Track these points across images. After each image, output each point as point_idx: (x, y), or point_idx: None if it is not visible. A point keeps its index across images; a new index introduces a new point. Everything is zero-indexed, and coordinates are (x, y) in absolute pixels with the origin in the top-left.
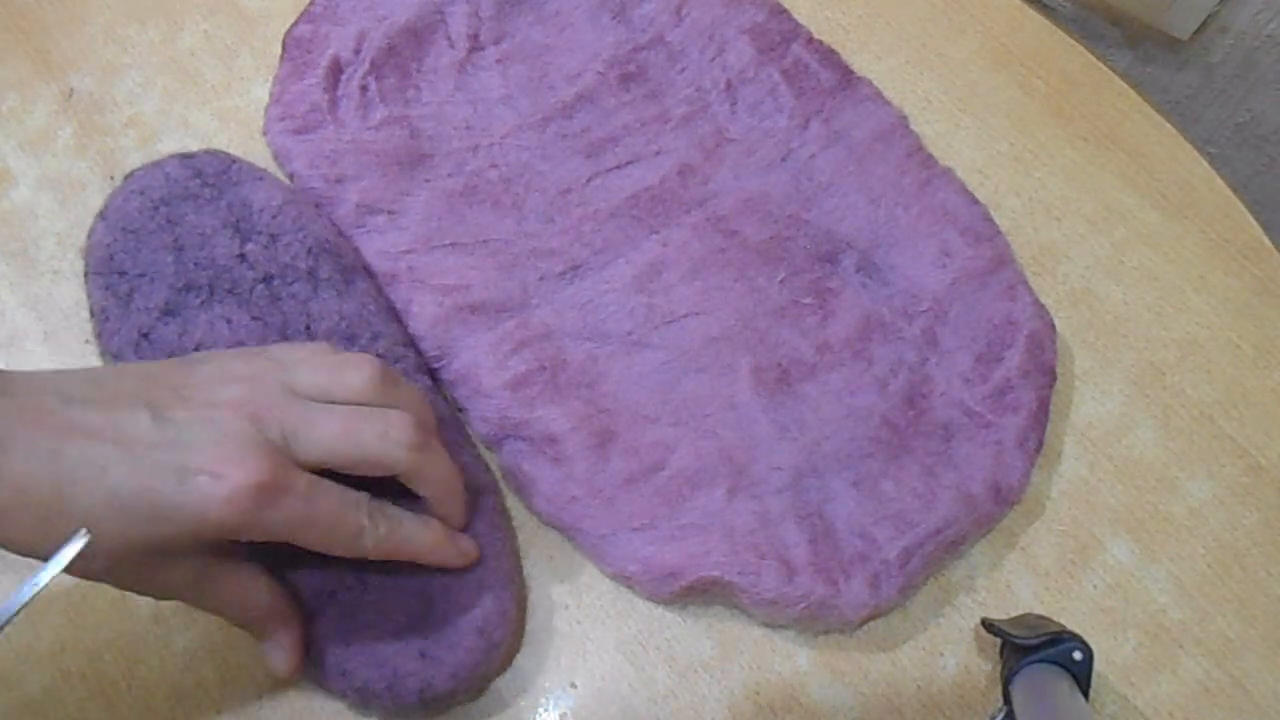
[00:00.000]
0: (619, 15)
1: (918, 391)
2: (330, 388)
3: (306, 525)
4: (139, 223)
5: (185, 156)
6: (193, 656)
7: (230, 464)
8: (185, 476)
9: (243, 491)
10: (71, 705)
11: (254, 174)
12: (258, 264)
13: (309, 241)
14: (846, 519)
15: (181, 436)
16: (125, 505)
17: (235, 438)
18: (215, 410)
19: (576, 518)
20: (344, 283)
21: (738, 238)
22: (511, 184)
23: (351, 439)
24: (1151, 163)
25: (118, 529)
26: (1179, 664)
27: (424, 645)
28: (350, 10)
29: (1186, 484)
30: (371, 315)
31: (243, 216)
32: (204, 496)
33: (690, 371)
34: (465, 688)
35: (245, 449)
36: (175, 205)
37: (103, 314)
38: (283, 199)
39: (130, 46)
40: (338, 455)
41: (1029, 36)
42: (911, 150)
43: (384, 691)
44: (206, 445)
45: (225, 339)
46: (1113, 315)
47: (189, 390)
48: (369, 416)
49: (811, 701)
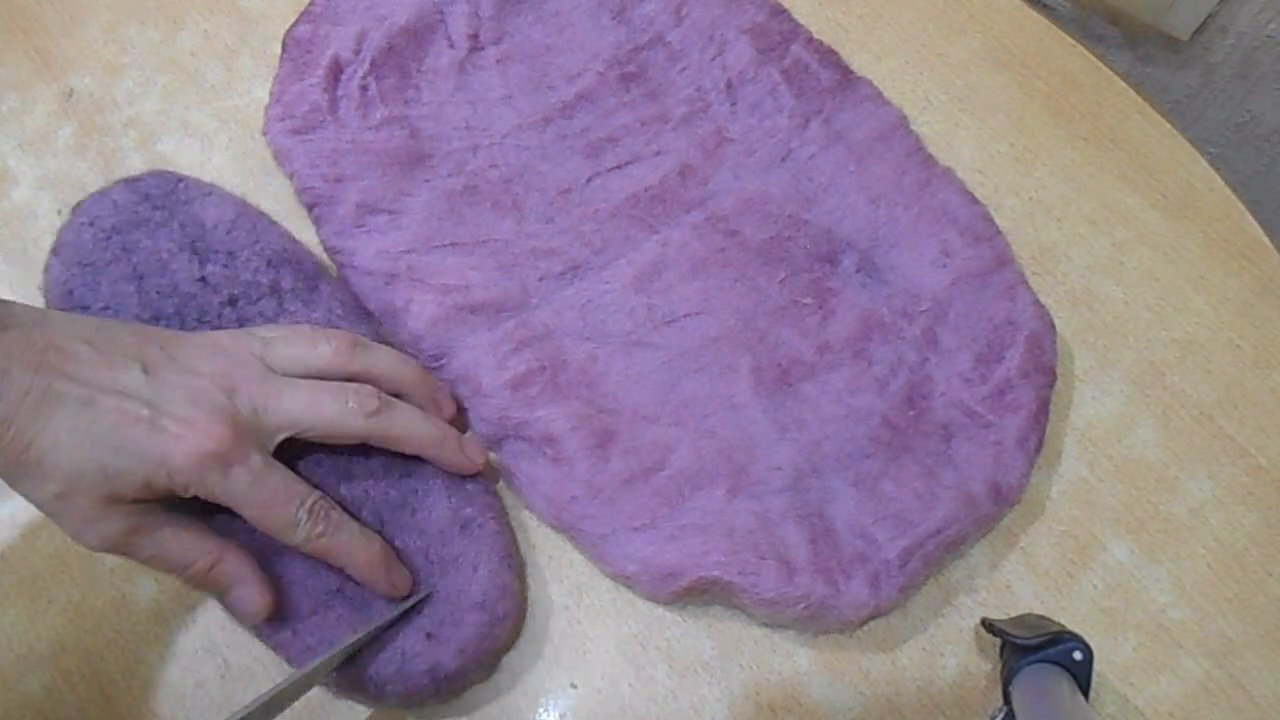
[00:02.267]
0: (619, 15)
1: (918, 391)
2: (304, 358)
3: (246, 500)
4: (93, 255)
5: (131, 181)
6: (193, 656)
7: (197, 425)
8: (157, 426)
9: (201, 451)
10: (71, 705)
11: (202, 190)
12: (220, 286)
13: (267, 253)
14: (846, 519)
15: (163, 393)
16: (97, 436)
17: (208, 404)
18: (198, 378)
19: (576, 518)
20: (308, 290)
21: (738, 238)
22: (511, 184)
23: (313, 409)
24: (1151, 163)
25: (81, 454)
26: (1179, 664)
27: (429, 627)
28: (350, 10)
29: (1186, 484)
30: (339, 319)
31: (197, 236)
32: (167, 446)
33: (690, 371)
34: (474, 665)
35: (214, 416)
36: (128, 233)
37: None
38: (235, 213)
39: (130, 46)
40: (302, 424)
41: (1029, 36)
42: (911, 150)
43: (394, 675)
44: (182, 404)
45: None
46: (1113, 315)
47: (179, 355)
48: (332, 389)
49: (811, 701)
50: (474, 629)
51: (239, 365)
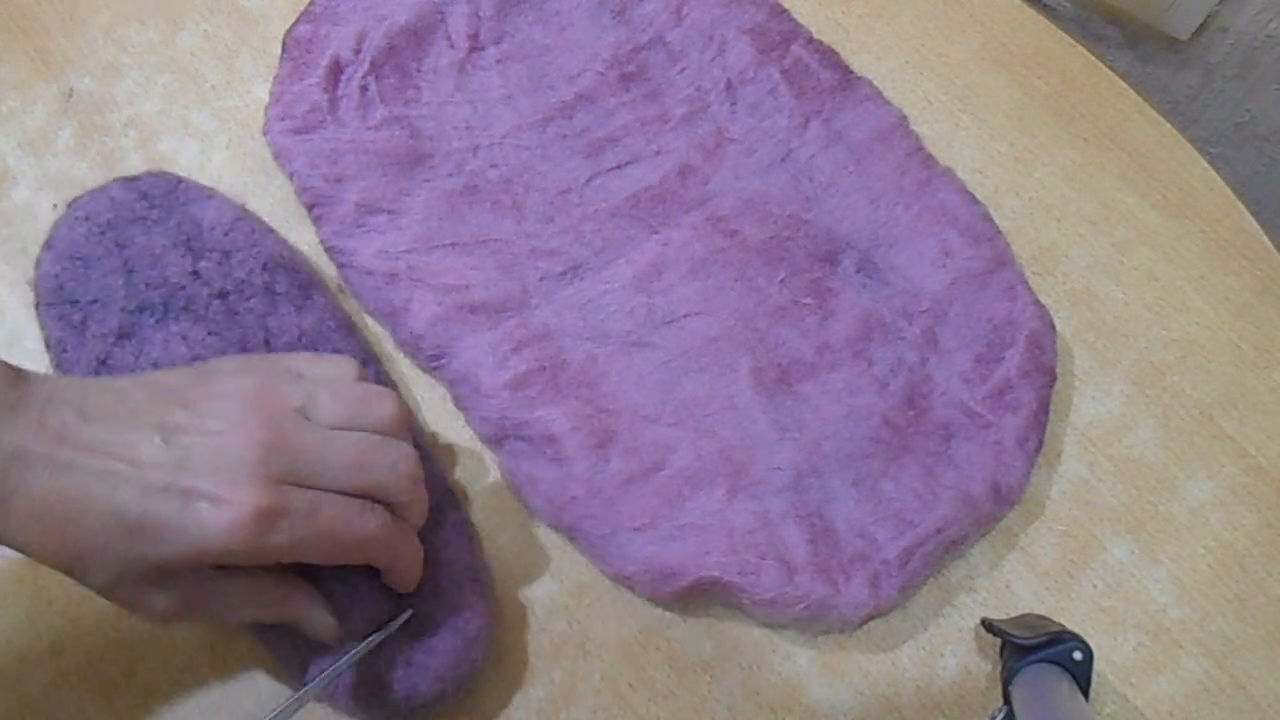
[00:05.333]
0: (619, 15)
1: (918, 391)
2: (350, 421)
3: (312, 542)
4: (86, 249)
5: (130, 179)
6: (193, 656)
7: (231, 490)
8: (188, 502)
9: (242, 518)
10: (71, 705)
11: (203, 193)
12: (212, 280)
13: (263, 257)
14: (846, 519)
15: (187, 460)
16: (130, 526)
17: (238, 464)
18: (223, 437)
19: (576, 518)
20: (302, 298)
21: (738, 238)
22: (511, 184)
23: (363, 470)
24: (1151, 163)
25: (123, 547)
26: (1179, 664)
27: (404, 654)
28: (350, 10)
29: (1186, 484)
30: (331, 331)
31: (193, 235)
32: (204, 523)
33: (690, 371)
34: (452, 690)
35: (247, 476)
36: (122, 229)
37: (59, 345)
38: (234, 216)
39: (130, 46)
40: (349, 485)
41: (1029, 36)
42: (911, 150)
43: (371, 702)
44: (209, 471)
45: (183, 357)
46: (1113, 315)
47: (203, 410)
48: (382, 447)
49: (811, 701)
50: (449, 654)
51: (272, 415)
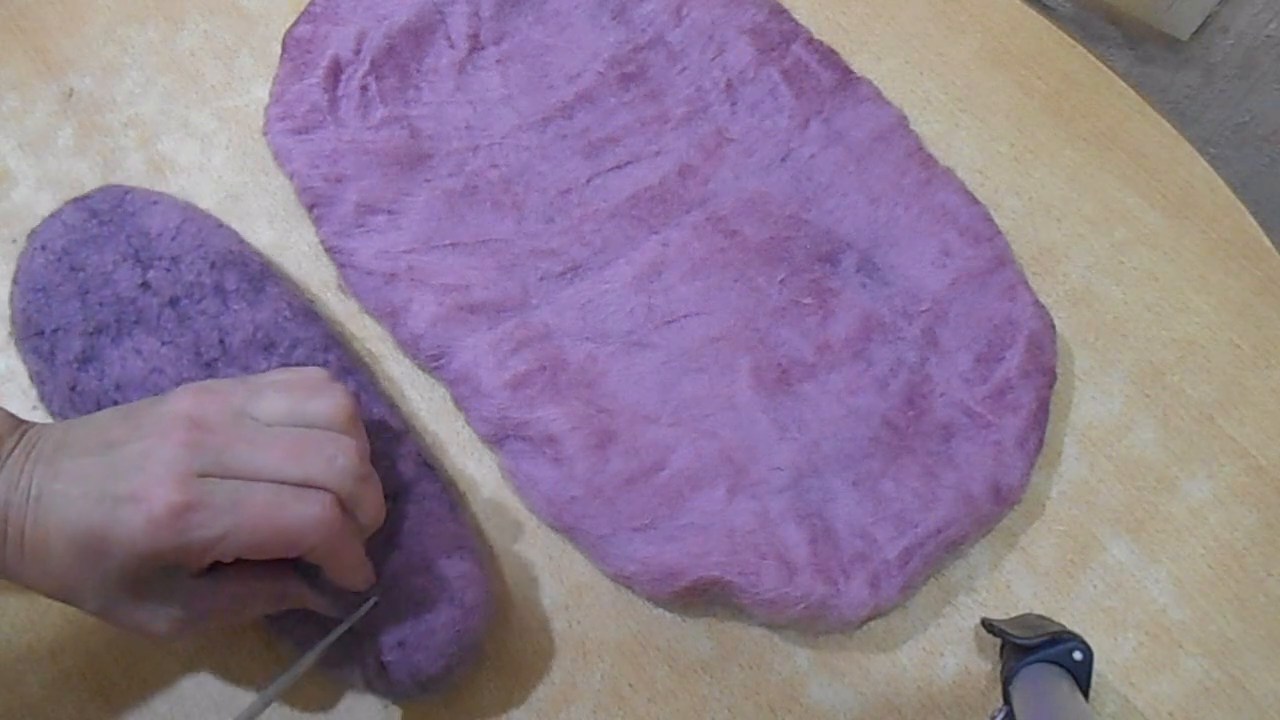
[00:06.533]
0: (619, 15)
1: (918, 391)
2: (291, 416)
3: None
4: (45, 279)
5: (80, 200)
6: (193, 656)
7: (146, 488)
8: (116, 505)
9: (157, 513)
10: (71, 705)
11: (149, 199)
12: (162, 289)
13: (211, 256)
14: (846, 519)
15: (117, 468)
16: (81, 541)
17: (158, 463)
18: (148, 441)
19: (576, 518)
20: (254, 292)
21: (738, 238)
22: (511, 184)
23: (297, 462)
24: (1151, 163)
25: (88, 564)
26: (1179, 664)
27: (401, 635)
28: (350, 10)
29: (1186, 484)
30: (287, 321)
31: (141, 246)
32: (129, 523)
33: (690, 371)
34: (460, 660)
35: (163, 473)
36: (76, 252)
37: (38, 378)
38: (180, 219)
39: (130, 46)
40: (283, 478)
41: (1029, 36)
42: (911, 150)
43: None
44: (132, 472)
45: (139, 370)
46: (1113, 315)
47: (144, 423)
48: (319, 440)
49: (811, 701)
50: (448, 628)
51: (208, 416)
